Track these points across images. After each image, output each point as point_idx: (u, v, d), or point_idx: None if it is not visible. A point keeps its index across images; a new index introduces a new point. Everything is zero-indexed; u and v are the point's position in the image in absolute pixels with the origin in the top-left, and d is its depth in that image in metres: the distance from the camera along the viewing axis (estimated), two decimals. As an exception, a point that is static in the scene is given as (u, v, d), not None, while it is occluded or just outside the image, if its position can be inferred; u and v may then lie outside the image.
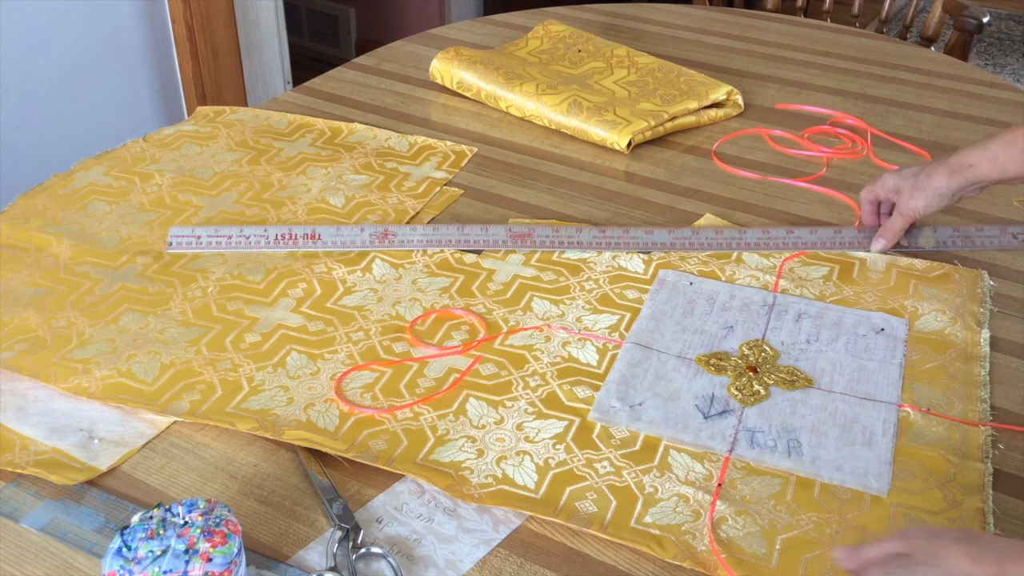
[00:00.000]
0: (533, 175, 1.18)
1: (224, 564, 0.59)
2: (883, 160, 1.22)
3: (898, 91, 1.42)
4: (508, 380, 0.84)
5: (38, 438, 0.77)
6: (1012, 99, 1.40)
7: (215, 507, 0.62)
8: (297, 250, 1.00)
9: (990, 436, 0.79)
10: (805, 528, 0.71)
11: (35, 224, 1.04)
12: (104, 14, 1.95)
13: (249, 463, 0.76)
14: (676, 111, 1.27)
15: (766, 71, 1.48)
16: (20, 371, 0.83)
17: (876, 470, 0.76)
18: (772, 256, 1.02)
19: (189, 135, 1.24)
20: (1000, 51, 3.66)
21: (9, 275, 0.96)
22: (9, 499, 0.72)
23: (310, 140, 1.24)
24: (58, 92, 1.91)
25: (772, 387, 0.84)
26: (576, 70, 1.38)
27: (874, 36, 1.64)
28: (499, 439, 0.78)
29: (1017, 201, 1.14)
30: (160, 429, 0.79)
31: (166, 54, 2.10)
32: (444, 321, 0.92)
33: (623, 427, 0.79)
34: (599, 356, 0.87)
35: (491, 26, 1.64)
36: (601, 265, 1.00)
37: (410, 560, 0.68)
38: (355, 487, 0.74)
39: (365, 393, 0.82)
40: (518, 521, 0.71)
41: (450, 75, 1.36)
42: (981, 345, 0.89)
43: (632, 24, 1.66)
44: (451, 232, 1.02)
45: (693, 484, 0.74)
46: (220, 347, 0.87)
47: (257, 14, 2.25)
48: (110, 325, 0.89)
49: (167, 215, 1.07)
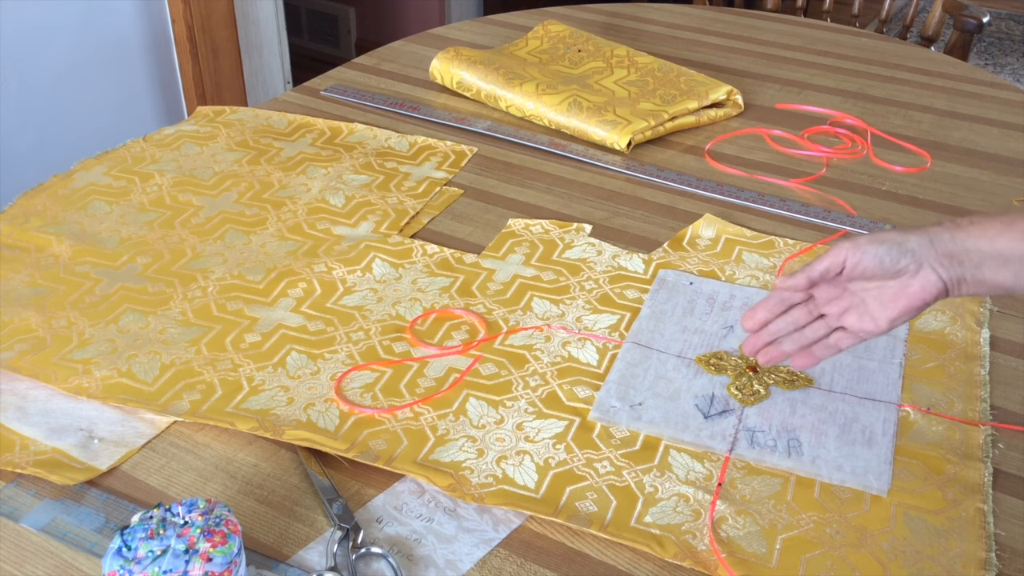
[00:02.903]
0: (533, 175, 1.18)
1: (224, 564, 0.59)
2: (883, 160, 1.22)
3: (898, 91, 1.42)
4: (508, 380, 0.84)
5: (38, 438, 0.77)
6: (1012, 99, 1.40)
7: (215, 507, 0.62)
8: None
9: (990, 436, 0.79)
10: (805, 528, 0.71)
11: (35, 224, 1.04)
12: (104, 14, 1.95)
13: (249, 463, 0.76)
14: (676, 111, 1.27)
15: (766, 71, 1.48)
16: (20, 371, 0.83)
17: (876, 470, 0.75)
18: (772, 256, 1.02)
19: (189, 135, 1.24)
20: (1000, 51, 3.66)
21: (9, 275, 0.96)
22: (9, 499, 0.72)
23: (310, 140, 1.24)
24: (58, 92, 1.91)
25: (772, 387, 0.84)
26: (576, 70, 1.38)
27: (874, 36, 1.64)
28: (499, 439, 0.78)
29: (1017, 201, 1.14)
30: (160, 429, 0.79)
31: (166, 54, 2.10)
32: (444, 321, 0.91)
33: (623, 427, 0.79)
34: (599, 356, 0.87)
35: (491, 26, 1.64)
36: (601, 265, 1.00)
37: (410, 560, 0.68)
38: (355, 487, 0.74)
39: (365, 393, 0.82)
40: (518, 521, 0.71)
41: (450, 75, 1.36)
42: (981, 345, 0.89)
43: (632, 24, 1.66)
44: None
45: (693, 484, 0.74)
46: (220, 347, 0.87)
47: (257, 14, 2.25)
48: (110, 325, 0.89)
49: (167, 215, 1.07)
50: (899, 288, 0.72)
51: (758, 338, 0.77)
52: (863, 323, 0.74)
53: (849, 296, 0.74)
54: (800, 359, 0.77)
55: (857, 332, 0.75)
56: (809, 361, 0.77)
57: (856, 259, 0.71)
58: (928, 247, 0.70)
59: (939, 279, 0.70)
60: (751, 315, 0.77)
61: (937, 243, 0.70)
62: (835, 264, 0.72)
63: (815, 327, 0.76)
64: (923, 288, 0.71)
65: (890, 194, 1.15)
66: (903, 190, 1.16)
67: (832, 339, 0.76)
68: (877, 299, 0.73)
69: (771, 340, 0.77)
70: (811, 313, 0.76)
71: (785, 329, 0.76)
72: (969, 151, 1.25)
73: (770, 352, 0.77)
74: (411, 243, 1.03)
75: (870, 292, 0.73)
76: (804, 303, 0.76)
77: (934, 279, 0.70)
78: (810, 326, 0.76)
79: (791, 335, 0.76)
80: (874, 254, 0.70)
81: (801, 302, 0.76)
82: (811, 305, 0.76)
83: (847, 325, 0.75)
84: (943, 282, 0.70)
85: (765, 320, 0.76)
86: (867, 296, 0.73)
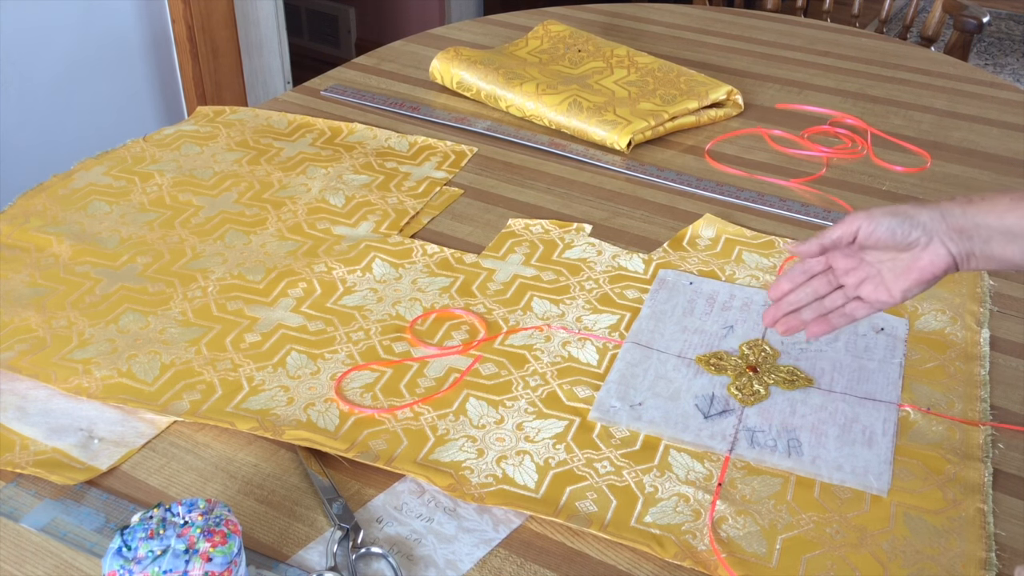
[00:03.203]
0: (533, 175, 1.18)
1: (224, 564, 0.59)
2: (883, 160, 1.22)
3: (898, 91, 1.42)
4: (508, 380, 0.84)
5: (38, 438, 0.77)
6: (1012, 99, 1.40)
7: (215, 507, 0.62)
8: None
9: (990, 436, 0.79)
10: (805, 528, 0.71)
11: (35, 224, 1.04)
12: (104, 14, 1.95)
13: (249, 463, 0.76)
14: (676, 111, 1.27)
15: (766, 71, 1.48)
16: (20, 371, 0.83)
17: (876, 470, 0.75)
18: (772, 256, 1.02)
19: (189, 135, 1.24)
20: (1000, 51, 3.66)
21: (9, 275, 0.96)
22: (9, 499, 0.72)
23: (310, 140, 1.24)
24: (58, 92, 1.91)
25: (772, 387, 0.84)
26: (576, 70, 1.38)
27: (874, 36, 1.64)
28: (499, 439, 0.78)
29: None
30: (160, 429, 0.79)
31: (166, 54, 2.10)
32: (444, 321, 0.91)
33: (623, 427, 0.79)
34: (599, 356, 0.87)
35: (491, 26, 1.64)
36: (601, 265, 1.00)
37: (410, 560, 0.68)
38: (355, 487, 0.74)
39: (365, 393, 0.82)
40: (518, 521, 0.71)
41: (450, 75, 1.36)
42: (981, 345, 0.89)
43: (632, 24, 1.66)
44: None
45: (693, 484, 0.74)
46: (220, 347, 0.87)
47: (257, 14, 2.25)
48: (110, 325, 0.89)
49: (167, 215, 1.07)
50: (911, 261, 0.74)
51: (777, 308, 0.79)
52: (878, 293, 0.76)
53: (866, 267, 0.76)
54: (816, 327, 0.79)
55: (872, 302, 0.77)
56: (824, 328, 0.79)
57: (869, 229, 0.73)
58: (939, 221, 0.72)
59: (948, 253, 0.72)
60: (775, 286, 0.79)
61: (948, 217, 0.72)
62: (848, 232, 0.74)
63: (834, 297, 0.78)
64: (932, 262, 0.73)
65: (890, 194, 1.15)
66: (903, 190, 1.16)
67: (848, 308, 0.78)
68: (891, 271, 0.75)
69: (790, 311, 0.79)
70: (830, 283, 0.78)
71: (805, 299, 0.79)
72: (969, 151, 1.25)
73: (789, 321, 0.79)
74: (411, 243, 1.03)
75: (885, 264, 0.75)
76: (824, 273, 0.78)
77: (943, 252, 0.72)
78: (829, 296, 0.78)
79: (810, 305, 0.79)
80: (887, 225, 0.73)
81: (821, 272, 0.78)
82: (830, 275, 0.78)
83: (863, 295, 0.77)
84: (952, 256, 0.72)
85: (788, 290, 0.79)
86: (882, 267, 0.76)
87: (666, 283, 0.97)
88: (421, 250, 1.01)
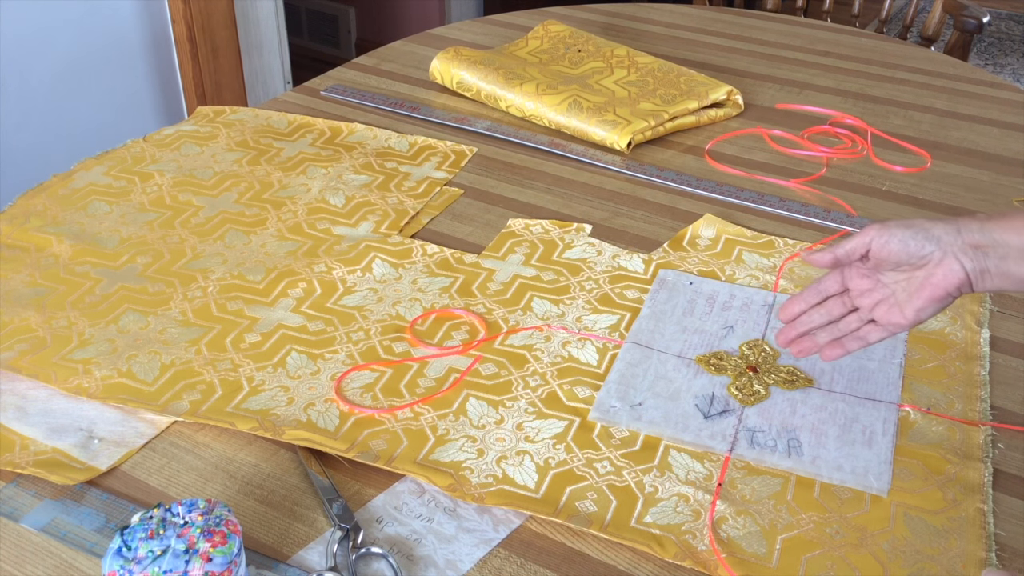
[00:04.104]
0: (533, 175, 1.18)
1: (224, 564, 0.59)
2: (883, 160, 1.22)
3: (898, 91, 1.42)
4: (508, 380, 0.84)
5: (38, 438, 0.77)
6: (1012, 99, 1.40)
7: (215, 507, 0.62)
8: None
9: (990, 436, 0.79)
10: (805, 528, 0.71)
11: (35, 224, 1.04)
12: (104, 14, 1.95)
13: (249, 463, 0.76)
14: (676, 111, 1.27)
15: (766, 71, 1.48)
16: (20, 371, 0.83)
17: (876, 470, 0.75)
18: (772, 256, 1.02)
19: (189, 135, 1.24)
20: (1000, 51, 3.66)
21: (9, 275, 0.96)
22: (9, 499, 0.72)
23: (310, 140, 1.24)
24: (58, 92, 1.91)
25: (772, 387, 0.84)
26: (576, 70, 1.38)
27: (874, 36, 1.64)
28: (499, 439, 0.78)
29: (1017, 201, 1.14)
30: (160, 429, 0.79)
31: (166, 54, 2.10)
32: (444, 321, 0.91)
33: (623, 427, 0.79)
34: (599, 356, 0.87)
35: (491, 26, 1.64)
36: (601, 265, 1.00)
37: (410, 560, 0.68)
38: (355, 487, 0.74)
39: (365, 393, 0.82)
40: (518, 521, 0.71)
41: (450, 75, 1.36)
42: (981, 345, 0.89)
43: (632, 24, 1.66)
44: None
45: (693, 484, 0.74)
46: (220, 347, 0.87)
47: (257, 14, 2.25)
48: (110, 325, 0.89)
49: (167, 215, 1.07)
50: (924, 278, 0.73)
51: (792, 329, 0.79)
52: (892, 315, 0.75)
53: (882, 288, 0.76)
54: (831, 350, 0.78)
55: (886, 324, 0.76)
56: (839, 352, 0.78)
57: (883, 241, 0.72)
58: (955, 236, 0.71)
59: (961, 268, 0.71)
60: (787, 307, 0.79)
61: (965, 233, 0.71)
62: (862, 244, 0.73)
63: (848, 320, 0.78)
64: (945, 277, 0.71)
65: (890, 194, 1.15)
66: (903, 190, 1.16)
67: (863, 331, 0.77)
68: (905, 290, 0.74)
69: (804, 331, 0.79)
70: (845, 305, 0.78)
71: (819, 321, 0.78)
72: (969, 151, 1.25)
73: (803, 343, 0.79)
74: (411, 243, 1.03)
75: (900, 284, 0.75)
76: (839, 295, 0.78)
77: (957, 268, 0.71)
78: (844, 319, 0.78)
79: (825, 327, 0.78)
80: (900, 237, 0.72)
81: (836, 294, 0.78)
82: (845, 297, 0.78)
83: (877, 317, 0.76)
84: (966, 272, 0.71)
85: (800, 312, 0.78)
86: (897, 288, 0.75)
87: (666, 283, 0.97)
88: (421, 250, 1.01)
